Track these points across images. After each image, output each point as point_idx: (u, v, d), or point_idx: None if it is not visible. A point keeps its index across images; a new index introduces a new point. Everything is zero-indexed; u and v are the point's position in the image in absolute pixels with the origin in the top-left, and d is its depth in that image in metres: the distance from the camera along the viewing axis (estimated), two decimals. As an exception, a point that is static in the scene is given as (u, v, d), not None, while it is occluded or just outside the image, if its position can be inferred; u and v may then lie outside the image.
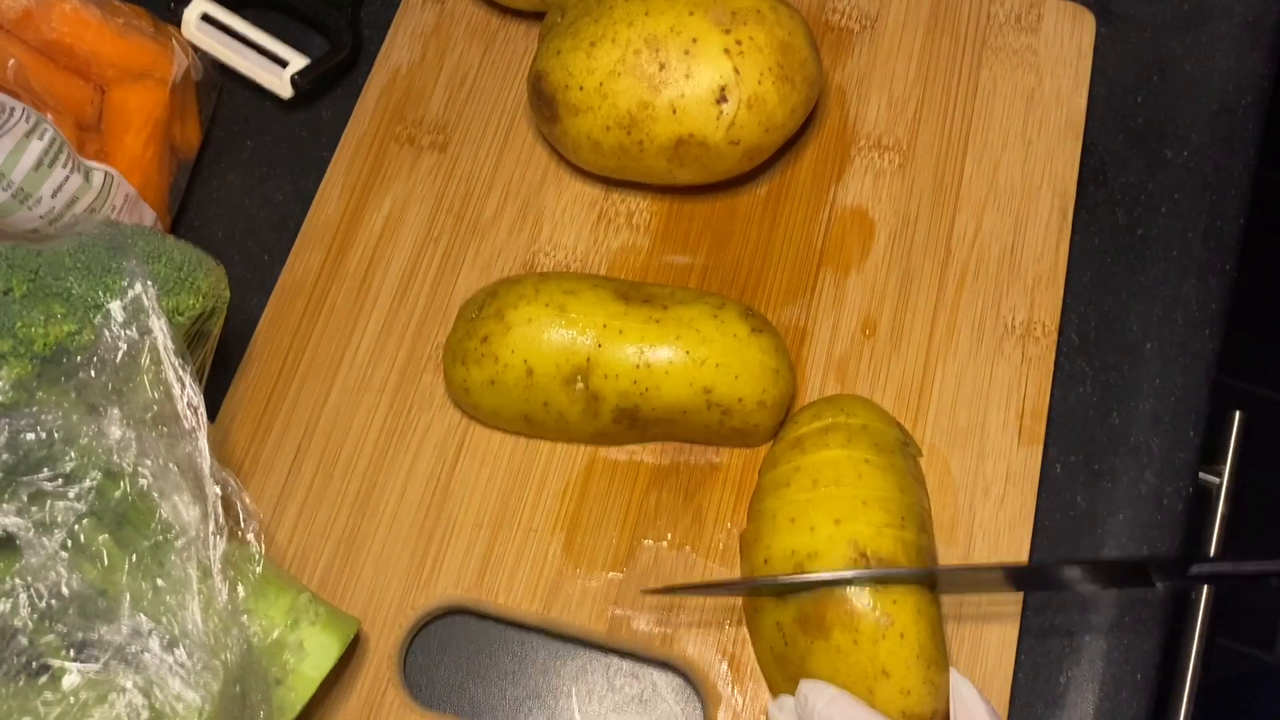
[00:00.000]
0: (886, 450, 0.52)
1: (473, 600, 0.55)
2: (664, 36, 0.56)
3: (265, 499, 0.57)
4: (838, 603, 0.49)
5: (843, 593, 0.49)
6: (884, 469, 0.51)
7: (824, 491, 0.51)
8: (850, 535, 0.49)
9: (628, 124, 0.57)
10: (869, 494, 0.50)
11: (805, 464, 0.52)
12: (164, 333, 0.48)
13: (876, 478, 0.51)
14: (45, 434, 0.45)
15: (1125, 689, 0.55)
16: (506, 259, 0.62)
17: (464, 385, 0.55)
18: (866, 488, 0.50)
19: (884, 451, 0.52)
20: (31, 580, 0.44)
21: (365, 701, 0.53)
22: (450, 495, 0.57)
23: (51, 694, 0.44)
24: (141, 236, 0.51)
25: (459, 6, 0.68)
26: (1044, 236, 0.61)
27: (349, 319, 0.61)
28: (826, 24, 0.66)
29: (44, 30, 0.59)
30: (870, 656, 0.48)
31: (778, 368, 0.54)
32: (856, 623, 0.48)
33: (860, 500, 0.50)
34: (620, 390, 0.53)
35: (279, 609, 0.49)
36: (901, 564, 0.49)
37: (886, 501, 0.50)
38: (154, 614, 0.45)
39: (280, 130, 0.67)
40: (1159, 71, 0.66)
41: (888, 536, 0.49)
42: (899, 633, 0.48)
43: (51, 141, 0.54)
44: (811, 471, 0.51)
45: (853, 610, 0.49)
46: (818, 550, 0.49)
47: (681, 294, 0.55)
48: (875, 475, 0.51)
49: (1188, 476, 0.58)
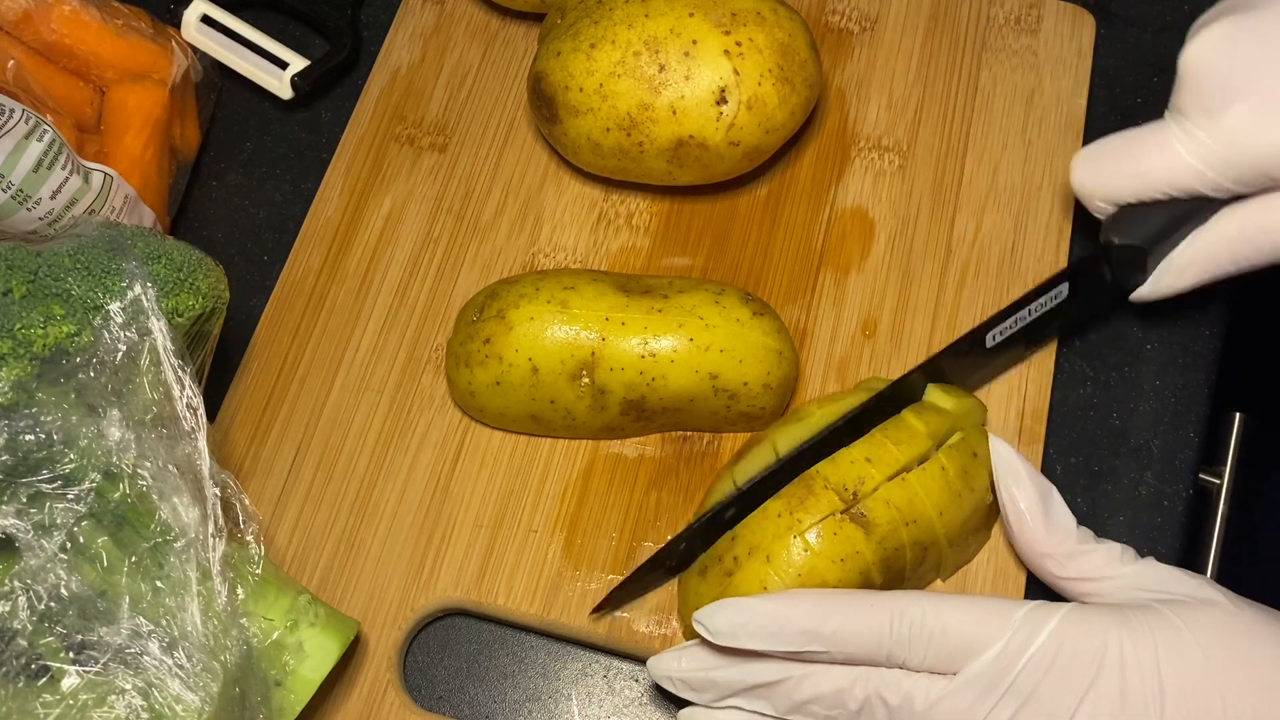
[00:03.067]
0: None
1: (472, 601, 0.55)
2: (664, 38, 0.56)
3: (265, 500, 0.57)
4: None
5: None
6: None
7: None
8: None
9: (628, 125, 0.57)
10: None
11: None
12: (163, 334, 0.48)
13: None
14: (44, 435, 0.45)
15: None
16: (506, 259, 0.62)
17: (469, 388, 0.55)
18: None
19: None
20: (31, 582, 0.44)
21: (365, 703, 0.53)
22: (450, 495, 0.57)
23: (51, 696, 0.44)
24: (141, 237, 0.51)
25: (459, 7, 0.68)
26: (1044, 236, 0.61)
27: (349, 319, 0.61)
28: (826, 25, 0.66)
29: (43, 31, 0.59)
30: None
31: (781, 349, 0.54)
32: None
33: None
34: (627, 382, 0.53)
35: (278, 610, 0.49)
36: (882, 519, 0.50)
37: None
38: (153, 616, 0.45)
39: (280, 130, 0.67)
40: (1159, 71, 0.66)
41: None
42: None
43: (51, 143, 0.54)
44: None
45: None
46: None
47: (680, 283, 0.55)
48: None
49: (1188, 478, 0.58)
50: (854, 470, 0.50)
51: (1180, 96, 0.52)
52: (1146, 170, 0.53)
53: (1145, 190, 0.53)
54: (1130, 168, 0.53)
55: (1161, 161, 0.52)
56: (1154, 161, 0.52)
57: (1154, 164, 0.52)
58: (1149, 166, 0.53)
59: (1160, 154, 0.52)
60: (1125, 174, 0.53)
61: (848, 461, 0.51)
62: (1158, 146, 0.52)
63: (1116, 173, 0.54)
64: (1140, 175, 0.53)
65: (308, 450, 0.58)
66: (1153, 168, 0.52)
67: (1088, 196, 0.55)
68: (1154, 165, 0.52)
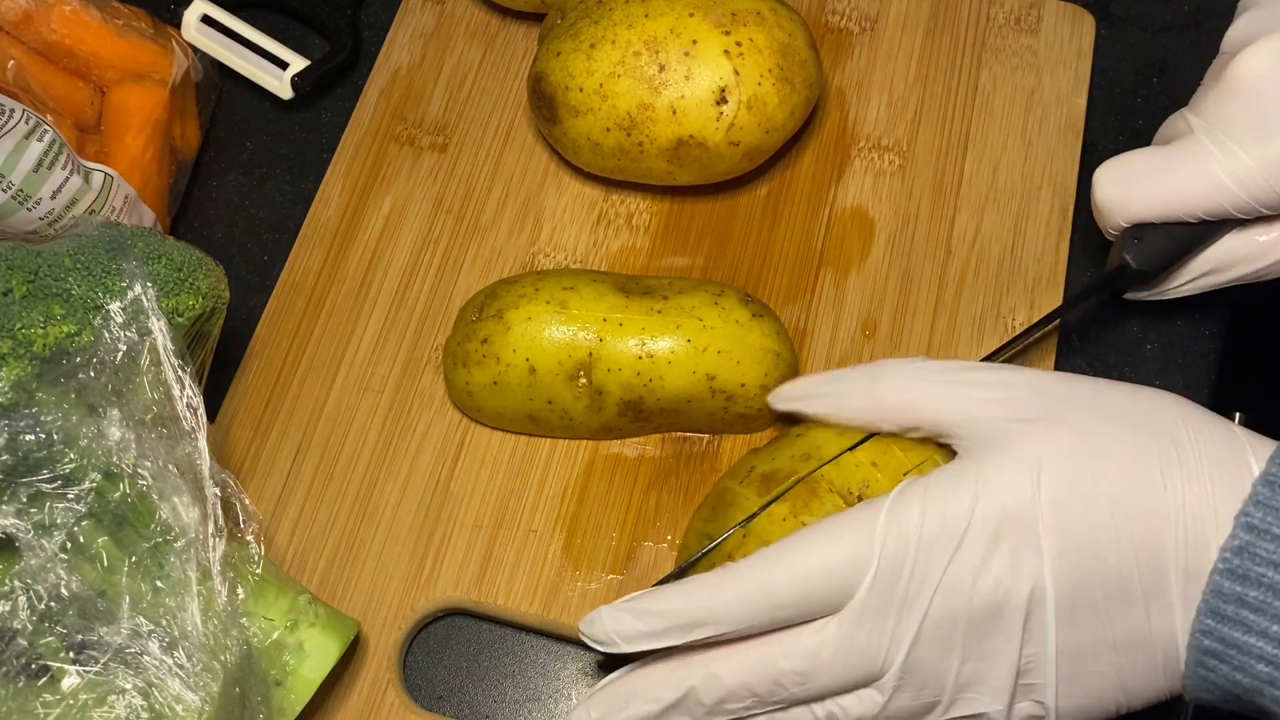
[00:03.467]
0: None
1: (472, 601, 0.55)
2: (664, 38, 0.56)
3: (265, 499, 0.57)
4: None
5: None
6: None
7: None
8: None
9: (628, 125, 0.57)
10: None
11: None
12: (164, 333, 0.48)
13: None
14: (45, 435, 0.45)
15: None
16: (506, 259, 0.62)
17: (466, 388, 0.55)
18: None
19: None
20: (31, 582, 0.44)
21: (365, 703, 0.53)
22: (450, 495, 0.57)
23: (51, 696, 0.44)
24: (141, 237, 0.51)
25: (459, 7, 0.68)
26: (1044, 236, 0.61)
27: (349, 319, 0.61)
28: (826, 25, 0.66)
29: (44, 31, 0.59)
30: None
31: (779, 350, 0.54)
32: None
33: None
34: (624, 383, 0.54)
35: (278, 610, 0.49)
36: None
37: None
38: (153, 616, 0.45)
39: (280, 131, 0.67)
40: (1159, 71, 0.66)
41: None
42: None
43: (51, 143, 0.54)
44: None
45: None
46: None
47: (680, 284, 0.55)
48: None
49: (1188, 477, 0.58)
50: (859, 474, 0.50)
51: (1224, 111, 0.50)
52: (1180, 191, 0.50)
53: (1175, 211, 0.51)
54: (1163, 188, 0.51)
55: (1198, 182, 0.50)
56: (1190, 181, 0.50)
57: (1190, 184, 0.50)
58: (1184, 187, 0.50)
59: (1197, 173, 0.50)
60: (1156, 194, 0.51)
61: (853, 465, 0.51)
62: (1195, 165, 0.50)
63: (1147, 192, 0.51)
64: (1172, 196, 0.50)
65: (308, 450, 0.58)
66: (1189, 188, 0.50)
67: (1112, 214, 0.53)
68: (1190, 185, 0.50)
